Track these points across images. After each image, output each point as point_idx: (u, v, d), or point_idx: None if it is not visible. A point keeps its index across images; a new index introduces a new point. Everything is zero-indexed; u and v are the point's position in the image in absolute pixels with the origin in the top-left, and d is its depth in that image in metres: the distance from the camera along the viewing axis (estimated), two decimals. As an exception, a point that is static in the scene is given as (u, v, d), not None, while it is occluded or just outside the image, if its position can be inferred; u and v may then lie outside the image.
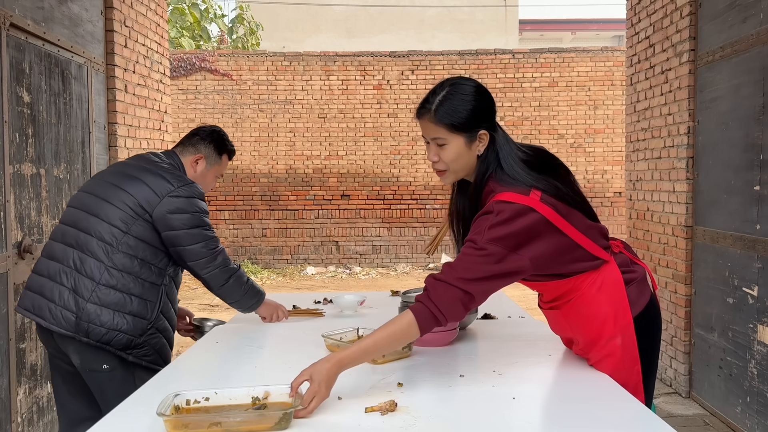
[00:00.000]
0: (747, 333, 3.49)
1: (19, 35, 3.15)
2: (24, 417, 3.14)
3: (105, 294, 2.20)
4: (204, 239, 2.31)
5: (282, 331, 2.46)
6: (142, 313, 2.25)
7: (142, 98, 4.57)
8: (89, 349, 2.21)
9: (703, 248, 4.02)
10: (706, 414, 3.95)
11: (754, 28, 3.45)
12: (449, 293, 1.64)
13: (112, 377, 2.24)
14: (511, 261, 1.66)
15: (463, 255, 1.67)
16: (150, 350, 2.29)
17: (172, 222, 2.26)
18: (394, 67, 10.65)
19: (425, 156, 10.56)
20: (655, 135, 4.61)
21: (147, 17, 4.65)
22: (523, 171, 1.76)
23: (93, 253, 2.22)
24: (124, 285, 2.22)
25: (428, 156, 1.81)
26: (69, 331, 2.18)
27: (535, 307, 2.19)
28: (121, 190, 2.28)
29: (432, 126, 1.76)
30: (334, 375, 1.59)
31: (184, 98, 10.61)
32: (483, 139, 1.77)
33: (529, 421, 1.55)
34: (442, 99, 1.75)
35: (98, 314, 2.18)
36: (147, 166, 2.36)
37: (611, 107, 10.63)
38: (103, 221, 2.25)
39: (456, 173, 1.81)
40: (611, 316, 1.80)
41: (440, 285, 1.65)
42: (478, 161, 1.78)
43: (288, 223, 10.68)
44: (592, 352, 1.86)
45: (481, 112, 1.76)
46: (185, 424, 1.42)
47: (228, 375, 1.90)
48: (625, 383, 1.78)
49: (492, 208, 1.67)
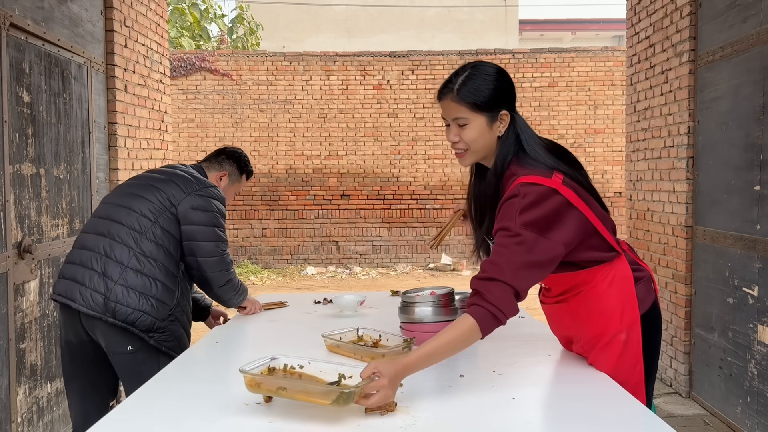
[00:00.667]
0: (747, 333, 3.49)
1: (19, 35, 3.15)
2: (24, 417, 3.14)
3: (132, 277, 2.36)
4: (217, 239, 2.51)
5: (282, 332, 2.46)
6: (165, 298, 2.41)
7: (142, 98, 4.57)
8: (115, 330, 2.35)
9: (703, 248, 4.02)
10: (706, 414, 3.95)
11: (754, 28, 3.45)
12: (503, 291, 1.62)
13: (135, 358, 2.38)
14: (547, 246, 1.66)
15: (501, 247, 1.66)
16: (170, 336, 2.43)
17: (193, 216, 2.46)
18: (394, 67, 10.65)
19: (425, 156, 10.64)
20: (655, 135, 4.61)
21: (147, 17, 4.65)
22: (543, 154, 1.78)
23: (122, 239, 2.41)
24: (150, 270, 2.39)
25: (448, 137, 1.81)
26: (97, 312, 2.33)
27: (536, 307, 2.19)
28: (153, 186, 2.51)
29: (454, 105, 1.76)
30: (400, 377, 1.56)
31: (184, 98, 10.61)
32: (504, 120, 1.78)
33: (529, 421, 1.55)
34: (465, 79, 1.76)
35: (125, 295, 2.34)
36: (176, 171, 2.60)
37: (611, 107, 10.63)
38: (133, 212, 2.45)
39: (476, 154, 1.81)
40: (619, 311, 1.80)
41: (492, 284, 1.63)
42: (499, 143, 1.79)
43: (288, 223, 10.68)
44: (595, 348, 1.85)
45: (502, 92, 1.77)
46: (258, 382, 1.57)
47: (228, 375, 1.90)
48: (625, 382, 1.78)
49: (517, 191, 1.67)
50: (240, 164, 2.80)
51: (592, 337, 1.85)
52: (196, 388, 1.79)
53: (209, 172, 2.74)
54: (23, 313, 3.13)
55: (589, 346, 1.88)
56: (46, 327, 3.35)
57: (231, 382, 1.80)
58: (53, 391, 3.43)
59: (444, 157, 10.69)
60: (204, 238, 2.48)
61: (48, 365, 3.37)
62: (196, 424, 1.50)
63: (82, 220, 3.75)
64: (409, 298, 2.19)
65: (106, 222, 2.46)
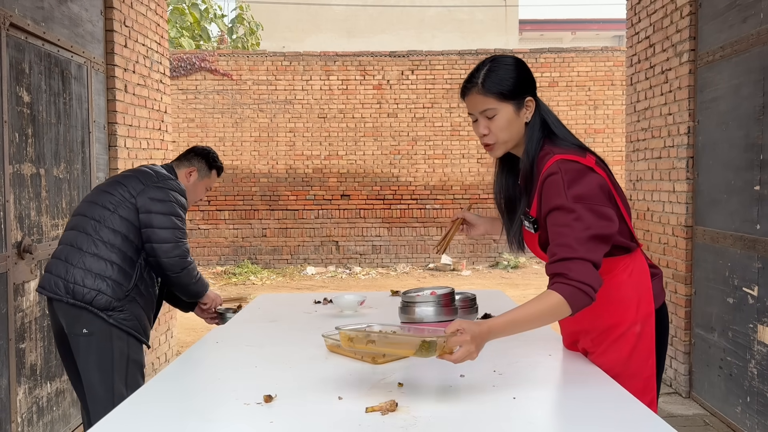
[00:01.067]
0: (747, 333, 3.49)
1: (19, 35, 3.15)
2: (24, 417, 3.14)
3: (90, 261, 2.60)
4: (174, 227, 2.67)
5: (282, 331, 2.46)
6: (121, 280, 2.62)
7: (142, 98, 4.56)
8: (73, 310, 2.57)
9: (703, 248, 4.02)
10: (706, 414, 3.95)
11: (754, 28, 3.45)
12: (584, 266, 1.64)
13: (90, 342, 2.58)
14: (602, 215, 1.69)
15: (561, 227, 1.68)
16: (129, 315, 2.64)
17: (150, 206, 2.66)
18: (394, 67, 10.65)
19: (425, 156, 10.64)
20: (655, 135, 4.61)
21: (147, 17, 4.65)
22: (571, 136, 1.84)
23: (84, 229, 2.65)
24: (107, 254, 2.61)
25: (478, 131, 1.85)
26: (58, 295, 2.57)
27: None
28: (116, 182, 2.75)
29: (480, 98, 1.81)
30: (484, 339, 1.59)
31: (184, 98, 10.61)
32: (529, 106, 1.82)
33: (530, 421, 1.55)
34: (487, 71, 1.81)
35: (83, 277, 2.57)
36: (141, 168, 2.83)
37: (611, 107, 10.63)
38: (96, 205, 2.68)
39: (506, 144, 1.85)
40: (636, 302, 1.82)
41: (571, 263, 1.64)
42: (527, 129, 1.83)
43: (288, 223, 10.68)
44: (607, 340, 1.85)
45: (524, 80, 1.82)
46: (350, 337, 1.69)
47: (228, 375, 1.90)
48: (636, 375, 1.79)
49: (557, 168, 1.71)
50: (208, 160, 2.97)
51: (606, 328, 1.85)
52: (196, 388, 1.79)
53: (179, 169, 2.92)
54: (23, 313, 3.13)
55: (600, 339, 1.87)
56: (46, 327, 3.35)
57: (231, 382, 1.80)
58: (53, 391, 3.43)
59: (444, 157, 10.69)
60: (160, 225, 2.64)
61: (48, 365, 3.37)
62: (196, 424, 1.50)
63: (82, 220, 3.76)
64: (409, 298, 2.19)
65: (76, 217, 2.72)
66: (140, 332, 2.68)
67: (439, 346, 1.53)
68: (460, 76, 10.62)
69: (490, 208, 10.70)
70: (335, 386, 1.70)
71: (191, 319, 6.97)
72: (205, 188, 3.01)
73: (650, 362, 1.83)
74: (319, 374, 1.86)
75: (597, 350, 1.88)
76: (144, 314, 2.72)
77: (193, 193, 2.94)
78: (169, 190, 2.72)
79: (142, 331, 2.70)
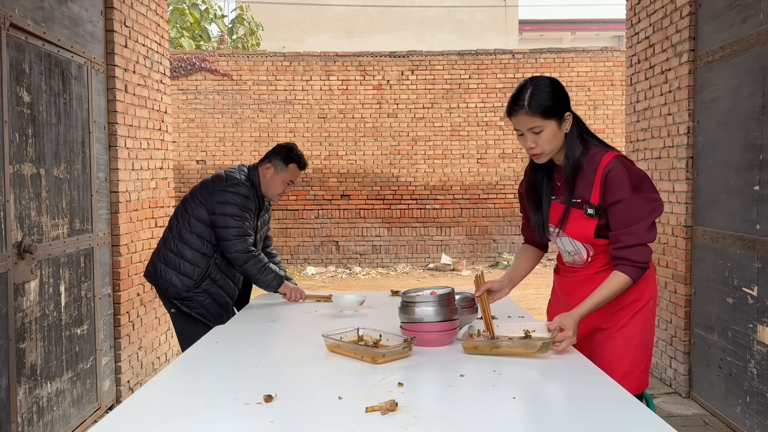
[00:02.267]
0: (747, 333, 3.49)
1: (19, 35, 3.15)
2: (24, 417, 3.15)
3: (167, 256, 3.15)
4: (232, 226, 3.03)
5: (282, 331, 2.46)
6: (190, 274, 3.11)
7: (142, 98, 4.57)
8: (162, 296, 3.23)
9: (703, 248, 4.02)
10: (706, 414, 3.95)
11: (754, 28, 3.45)
12: (643, 250, 2.09)
13: (177, 318, 3.19)
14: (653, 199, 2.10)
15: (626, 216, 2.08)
16: (197, 305, 3.12)
17: (215, 208, 3.07)
18: (394, 67, 10.65)
19: (425, 156, 10.64)
20: (655, 135, 4.61)
21: (147, 17, 4.65)
22: (596, 139, 2.21)
23: (170, 228, 3.21)
24: (180, 251, 3.13)
25: (524, 144, 2.17)
26: (150, 282, 3.25)
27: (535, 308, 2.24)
28: (200, 185, 3.24)
29: (527, 118, 2.11)
30: (577, 324, 2.06)
31: (184, 98, 10.61)
32: (568, 120, 2.16)
33: (530, 421, 1.55)
34: (531, 94, 2.11)
35: (162, 270, 3.16)
36: (220, 172, 3.23)
37: (611, 107, 10.63)
38: (182, 206, 3.21)
39: (551, 153, 2.17)
40: (650, 280, 2.22)
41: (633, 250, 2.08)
42: (567, 138, 2.16)
43: (288, 223, 10.68)
44: (629, 312, 2.19)
45: (562, 98, 2.16)
46: (475, 346, 2.04)
47: (228, 375, 1.90)
48: (648, 345, 2.22)
49: (614, 164, 2.10)
50: (284, 155, 3.20)
51: (629, 303, 2.18)
52: (196, 387, 1.80)
53: (260, 167, 3.22)
54: (23, 313, 3.13)
55: (623, 313, 2.19)
56: (46, 327, 3.36)
57: (231, 382, 1.81)
58: (53, 391, 3.43)
59: (444, 157, 10.70)
60: (222, 225, 3.04)
61: (48, 365, 3.38)
62: (196, 424, 1.50)
63: (82, 220, 3.76)
64: (409, 298, 2.20)
65: (171, 217, 3.26)
66: (208, 319, 3.11)
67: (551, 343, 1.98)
68: (460, 76, 10.63)
69: (489, 207, 10.71)
70: (335, 386, 1.70)
71: (191, 319, 6.97)
72: (285, 182, 3.20)
73: (653, 334, 2.26)
74: (319, 374, 1.86)
75: (616, 324, 2.19)
76: (214, 303, 3.14)
77: (271, 188, 3.19)
78: (231, 193, 3.05)
79: (211, 317, 3.12)
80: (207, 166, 10.68)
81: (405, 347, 1.99)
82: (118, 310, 4.18)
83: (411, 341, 2.02)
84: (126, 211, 4.28)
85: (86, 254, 3.80)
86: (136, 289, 4.44)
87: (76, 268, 3.67)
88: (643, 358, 2.21)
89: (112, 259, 4.15)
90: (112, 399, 4.14)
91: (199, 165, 10.69)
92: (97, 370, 3.92)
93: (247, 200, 3.08)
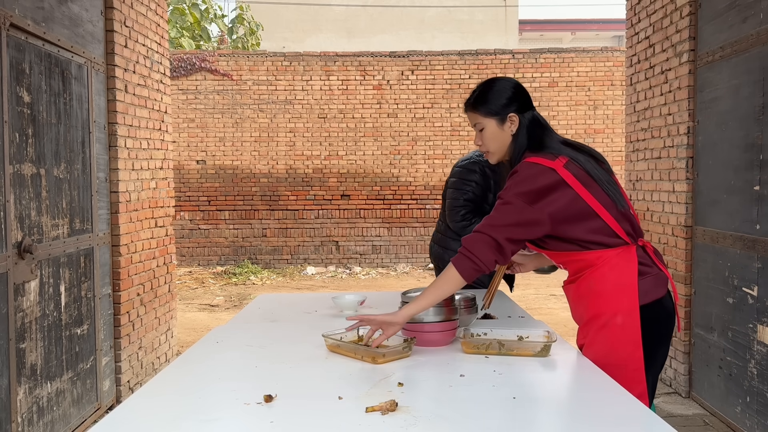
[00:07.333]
0: (747, 333, 3.49)
1: (19, 35, 3.15)
2: (24, 417, 3.15)
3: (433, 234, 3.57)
4: (452, 197, 3.30)
5: (282, 331, 2.46)
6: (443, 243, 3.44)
7: (142, 98, 4.57)
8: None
9: (703, 248, 4.02)
10: (706, 414, 3.95)
11: (754, 28, 3.45)
12: (479, 239, 1.98)
13: None
14: (530, 212, 1.95)
15: (493, 209, 2.01)
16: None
17: (448, 183, 3.40)
18: (394, 67, 10.65)
19: (425, 156, 10.66)
20: (655, 135, 4.61)
21: (147, 17, 4.65)
22: (556, 145, 2.05)
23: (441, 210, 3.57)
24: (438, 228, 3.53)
25: (475, 142, 2.22)
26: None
27: (535, 308, 2.23)
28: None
29: (470, 114, 2.17)
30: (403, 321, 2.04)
31: (184, 98, 10.61)
32: (513, 121, 2.10)
33: (530, 421, 1.55)
34: (479, 93, 2.14)
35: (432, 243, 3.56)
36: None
37: (611, 107, 10.63)
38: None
39: (497, 152, 2.16)
40: (615, 295, 1.96)
41: (472, 235, 2.00)
42: (512, 140, 2.11)
43: (288, 223, 10.68)
44: (592, 329, 2.01)
45: (509, 99, 2.10)
46: (476, 346, 2.04)
47: (228, 375, 1.90)
48: (622, 366, 1.92)
49: (518, 168, 2.00)
50: None
51: (590, 319, 2.02)
52: (196, 387, 1.79)
53: None
54: (23, 313, 3.14)
55: (586, 330, 2.04)
56: (47, 327, 3.36)
57: (231, 382, 1.81)
58: (53, 391, 3.43)
59: (444, 157, 10.69)
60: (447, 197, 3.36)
61: (48, 365, 3.38)
62: (196, 424, 1.50)
63: (83, 220, 3.76)
64: (409, 298, 2.19)
65: None
66: None
67: (551, 347, 1.99)
68: (460, 76, 10.63)
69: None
70: (335, 386, 1.70)
71: (191, 319, 6.97)
72: None
73: (637, 355, 1.94)
74: (319, 374, 1.86)
75: (586, 341, 2.04)
76: None
77: None
78: (459, 168, 3.33)
79: None
80: (207, 166, 10.68)
81: (405, 347, 1.99)
82: (118, 310, 4.18)
83: (411, 341, 2.02)
84: (126, 211, 4.28)
85: (86, 254, 3.80)
86: (136, 289, 4.44)
87: (76, 268, 3.67)
88: (619, 380, 1.76)
89: (112, 259, 4.15)
90: (112, 399, 4.14)
91: (199, 165, 10.69)
92: (97, 370, 3.92)
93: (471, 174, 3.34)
